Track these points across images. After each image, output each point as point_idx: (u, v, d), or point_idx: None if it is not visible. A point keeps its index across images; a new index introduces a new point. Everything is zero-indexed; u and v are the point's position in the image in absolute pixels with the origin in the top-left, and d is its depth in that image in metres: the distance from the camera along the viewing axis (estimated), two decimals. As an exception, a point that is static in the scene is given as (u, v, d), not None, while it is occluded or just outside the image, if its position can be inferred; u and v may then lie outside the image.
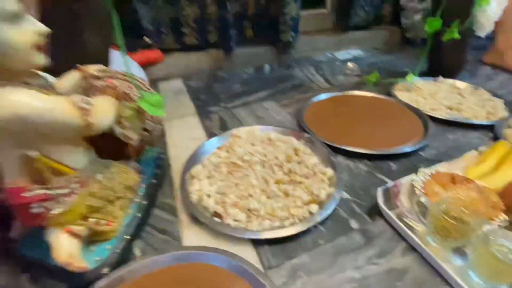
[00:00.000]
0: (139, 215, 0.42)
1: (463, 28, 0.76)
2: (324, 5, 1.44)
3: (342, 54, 1.26)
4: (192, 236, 0.42)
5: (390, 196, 0.44)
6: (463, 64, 0.92)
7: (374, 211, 0.44)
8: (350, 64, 1.04)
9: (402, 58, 1.18)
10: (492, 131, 0.63)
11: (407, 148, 0.56)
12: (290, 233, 0.39)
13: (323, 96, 0.80)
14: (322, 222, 0.43)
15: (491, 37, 1.10)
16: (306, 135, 0.61)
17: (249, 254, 0.39)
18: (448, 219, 0.33)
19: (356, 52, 1.29)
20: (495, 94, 0.78)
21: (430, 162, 0.54)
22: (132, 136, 0.42)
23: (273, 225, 0.42)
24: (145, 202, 0.44)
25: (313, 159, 0.54)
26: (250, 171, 0.51)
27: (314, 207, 0.44)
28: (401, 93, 0.80)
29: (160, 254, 0.37)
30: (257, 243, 0.40)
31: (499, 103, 0.74)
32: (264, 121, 0.73)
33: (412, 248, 0.38)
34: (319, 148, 0.57)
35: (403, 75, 0.84)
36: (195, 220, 0.44)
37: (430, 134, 0.60)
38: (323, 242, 0.40)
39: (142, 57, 0.94)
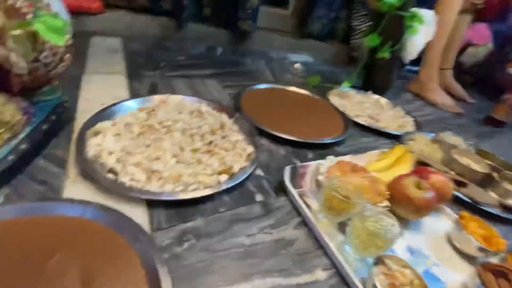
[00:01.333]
0: (12, 158, 0.35)
1: (393, 50, 0.86)
2: (287, 5, 1.48)
3: (294, 57, 1.31)
4: (77, 192, 0.36)
5: (296, 176, 0.46)
6: (390, 84, 1.03)
7: (281, 188, 0.45)
8: (296, 65, 1.08)
9: (344, 72, 1.28)
10: (398, 141, 0.71)
11: (326, 140, 0.59)
12: (189, 197, 0.37)
13: (264, 86, 0.81)
14: (228, 192, 0.42)
15: (417, 70, 1.29)
16: (238, 114, 0.61)
17: (139, 214, 0.35)
18: (335, 194, 0.36)
19: (307, 57, 1.36)
20: (408, 114, 0.90)
21: (341, 155, 0.58)
22: (18, 62, 0.35)
23: (176, 189, 0.39)
24: (24, 147, 0.37)
25: (238, 136, 0.53)
26: (166, 136, 0.48)
27: (223, 177, 0.43)
28: (334, 98, 0.87)
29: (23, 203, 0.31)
30: (152, 204, 0.37)
31: (410, 121, 0.85)
32: (201, 95, 0.70)
33: (305, 223, 0.40)
34: (247, 128, 0.57)
35: (340, 84, 0.91)
36: (86, 175, 0.38)
37: (348, 134, 0.66)
38: (223, 210, 0.39)
39: (75, 1, 0.82)
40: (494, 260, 0.39)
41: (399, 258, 0.34)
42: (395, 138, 0.73)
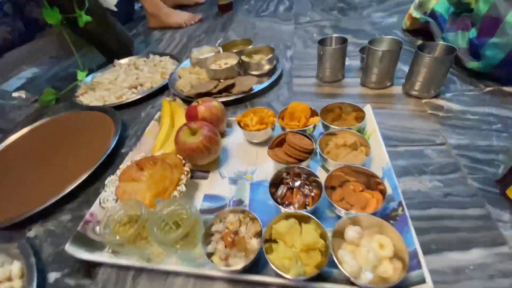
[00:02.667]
0: None
1: (87, 9, 0.71)
2: None
3: (12, 84, 0.95)
4: None
5: (90, 239, 0.35)
6: (126, 39, 0.92)
7: (92, 265, 0.35)
8: (16, 95, 0.79)
9: (83, 55, 1.05)
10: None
11: (97, 164, 0.47)
12: None
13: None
14: None
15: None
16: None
17: None
18: (120, 230, 0.29)
19: (30, 72, 1.02)
20: (163, 54, 0.85)
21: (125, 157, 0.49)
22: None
23: None
24: None
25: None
26: None
27: None
28: (85, 97, 0.70)
29: None
30: None
31: (167, 60, 0.82)
32: None
33: (141, 270, 0.33)
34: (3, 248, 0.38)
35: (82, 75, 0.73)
36: None
37: (121, 127, 0.55)
38: None
39: None
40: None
41: (222, 212, 0.33)
42: (168, 88, 0.69)
